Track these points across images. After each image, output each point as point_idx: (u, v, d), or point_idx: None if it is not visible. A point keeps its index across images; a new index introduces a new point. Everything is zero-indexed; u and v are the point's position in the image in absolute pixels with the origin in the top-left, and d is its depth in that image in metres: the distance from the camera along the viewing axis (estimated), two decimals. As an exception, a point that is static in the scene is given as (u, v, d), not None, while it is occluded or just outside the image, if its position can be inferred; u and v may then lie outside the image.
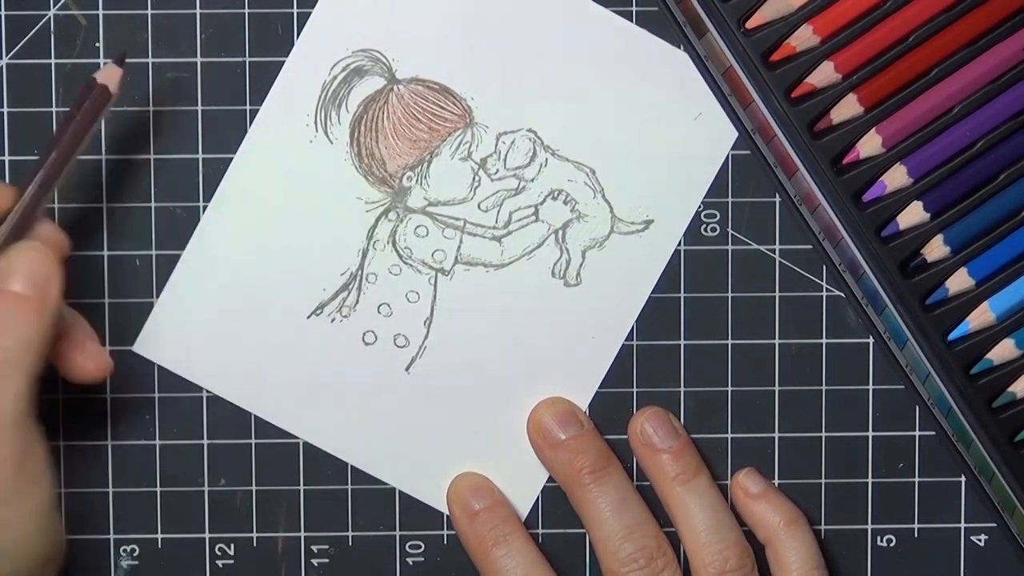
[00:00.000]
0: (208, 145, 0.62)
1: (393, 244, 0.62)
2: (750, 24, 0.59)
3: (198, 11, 0.62)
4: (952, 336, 0.59)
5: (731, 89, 0.61)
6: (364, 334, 0.63)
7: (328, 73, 0.62)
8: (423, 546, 0.64)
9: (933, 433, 0.63)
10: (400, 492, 0.63)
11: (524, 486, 0.63)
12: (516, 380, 0.63)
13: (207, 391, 0.63)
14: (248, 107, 0.62)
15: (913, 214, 0.59)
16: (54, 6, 0.62)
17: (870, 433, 0.63)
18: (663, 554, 0.61)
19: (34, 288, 0.54)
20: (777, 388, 0.63)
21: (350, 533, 0.63)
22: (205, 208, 0.62)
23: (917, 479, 0.64)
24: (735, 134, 0.62)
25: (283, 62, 0.62)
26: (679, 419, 0.63)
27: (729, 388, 0.63)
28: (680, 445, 0.62)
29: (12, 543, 0.53)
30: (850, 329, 0.63)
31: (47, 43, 0.62)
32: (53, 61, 0.62)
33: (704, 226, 0.63)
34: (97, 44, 0.62)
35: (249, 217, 0.62)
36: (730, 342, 0.63)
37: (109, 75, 0.58)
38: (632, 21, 0.62)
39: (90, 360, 0.57)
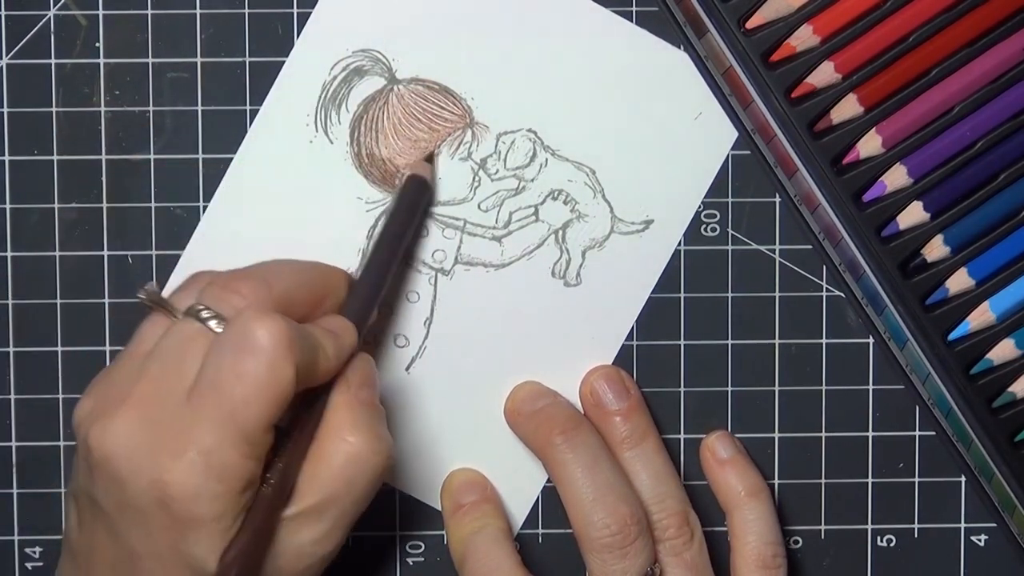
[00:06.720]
0: (208, 145, 0.62)
1: (393, 244, 0.62)
2: (750, 24, 0.59)
3: (198, 11, 0.62)
4: (952, 336, 0.59)
5: (731, 89, 0.61)
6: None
7: (328, 73, 0.62)
8: (423, 546, 0.64)
9: (933, 433, 0.63)
10: (400, 492, 0.63)
11: (524, 486, 0.63)
12: (516, 380, 0.63)
13: (207, 391, 0.63)
14: (248, 107, 0.62)
15: (913, 214, 0.59)
16: (54, 6, 0.62)
17: (870, 433, 0.63)
18: (636, 521, 0.59)
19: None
20: (777, 388, 0.63)
21: (350, 533, 0.63)
22: (205, 208, 0.62)
23: (917, 479, 0.64)
24: (735, 134, 0.62)
25: (283, 62, 0.62)
26: (679, 418, 0.63)
27: (729, 388, 0.63)
28: (629, 407, 0.61)
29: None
30: (850, 329, 0.63)
31: (47, 43, 0.62)
32: (53, 61, 0.62)
33: (704, 226, 0.63)
34: (97, 44, 0.62)
35: (249, 217, 0.62)
36: (730, 342, 0.63)
37: (423, 169, 0.61)
38: (632, 21, 0.62)
39: None
